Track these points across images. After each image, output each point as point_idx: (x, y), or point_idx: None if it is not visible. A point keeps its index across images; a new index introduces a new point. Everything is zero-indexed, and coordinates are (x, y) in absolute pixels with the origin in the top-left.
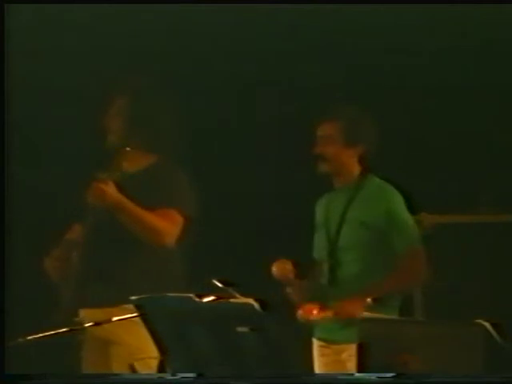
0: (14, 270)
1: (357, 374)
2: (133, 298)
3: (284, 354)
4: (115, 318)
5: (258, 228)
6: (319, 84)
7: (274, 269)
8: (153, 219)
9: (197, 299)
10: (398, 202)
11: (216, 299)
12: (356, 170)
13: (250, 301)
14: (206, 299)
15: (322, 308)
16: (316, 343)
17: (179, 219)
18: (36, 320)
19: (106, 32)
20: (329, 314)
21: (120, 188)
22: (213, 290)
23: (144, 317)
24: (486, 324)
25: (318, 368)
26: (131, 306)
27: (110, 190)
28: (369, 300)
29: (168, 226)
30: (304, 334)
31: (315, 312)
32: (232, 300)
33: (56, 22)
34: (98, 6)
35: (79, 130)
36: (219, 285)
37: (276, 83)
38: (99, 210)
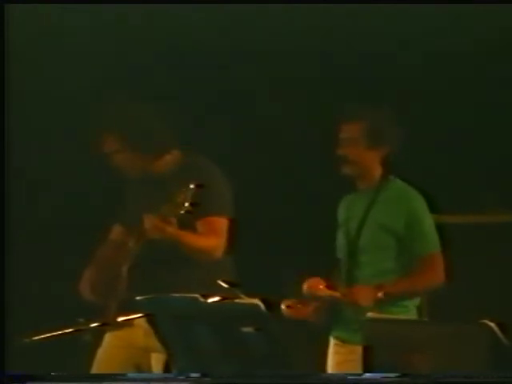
0: (14, 269)
1: (363, 375)
2: (139, 298)
3: (289, 354)
4: (121, 319)
5: (266, 228)
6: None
7: (306, 286)
8: (198, 241)
9: (202, 299)
10: (420, 206)
11: (221, 299)
12: (378, 172)
13: (256, 301)
14: (211, 299)
15: (329, 286)
16: (332, 341)
17: (223, 227)
18: (36, 320)
19: (106, 32)
20: (336, 294)
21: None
22: (218, 290)
23: (150, 317)
24: (492, 324)
25: (330, 365)
26: None
27: (170, 227)
28: (380, 294)
29: (213, 241)
30: (309, 333)
31: (321, 287)
32: (237, 300)
33: (56, 22)
34: (98, 6)
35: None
36: (224, 285)
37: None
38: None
